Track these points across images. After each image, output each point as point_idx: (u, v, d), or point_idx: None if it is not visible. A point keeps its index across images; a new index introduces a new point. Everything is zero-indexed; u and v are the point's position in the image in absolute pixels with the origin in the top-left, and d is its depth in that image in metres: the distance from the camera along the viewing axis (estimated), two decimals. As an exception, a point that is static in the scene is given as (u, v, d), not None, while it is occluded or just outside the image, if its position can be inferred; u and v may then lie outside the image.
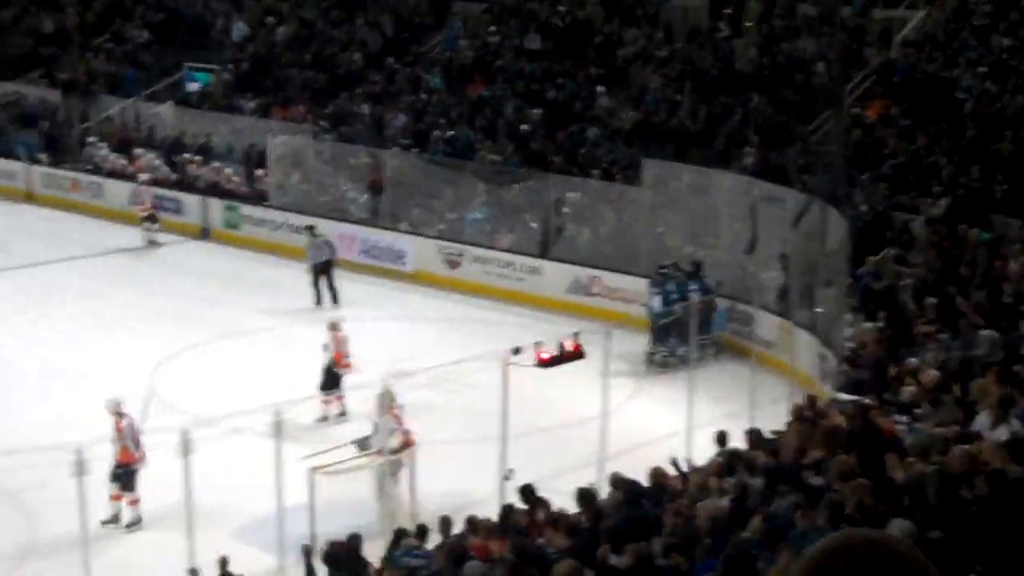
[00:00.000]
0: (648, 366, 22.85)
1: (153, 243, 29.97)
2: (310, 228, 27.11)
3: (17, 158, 34.22)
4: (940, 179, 23.24)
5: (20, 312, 25.07)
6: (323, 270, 26.33)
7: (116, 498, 16.95)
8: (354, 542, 14.21)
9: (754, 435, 15.69)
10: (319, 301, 26.11)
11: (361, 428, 18.00)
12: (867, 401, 15.17)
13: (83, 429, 16.75)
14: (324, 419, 20.34)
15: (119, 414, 17.05)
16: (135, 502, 17.06)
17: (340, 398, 20.60)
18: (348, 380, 20.44)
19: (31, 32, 39.53)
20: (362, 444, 17.14)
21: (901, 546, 2.29)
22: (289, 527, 14.87)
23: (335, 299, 26.06)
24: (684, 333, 21.58)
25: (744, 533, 11.39)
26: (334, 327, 20.81)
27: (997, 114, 24.54)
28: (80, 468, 13.68)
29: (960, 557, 9.77)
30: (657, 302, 23.25)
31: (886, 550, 2.28)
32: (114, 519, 16.97)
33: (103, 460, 16.13)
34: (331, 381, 20.58)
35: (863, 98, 27.39)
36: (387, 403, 17.13)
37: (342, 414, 20.45)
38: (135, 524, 17.06)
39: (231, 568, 13.77)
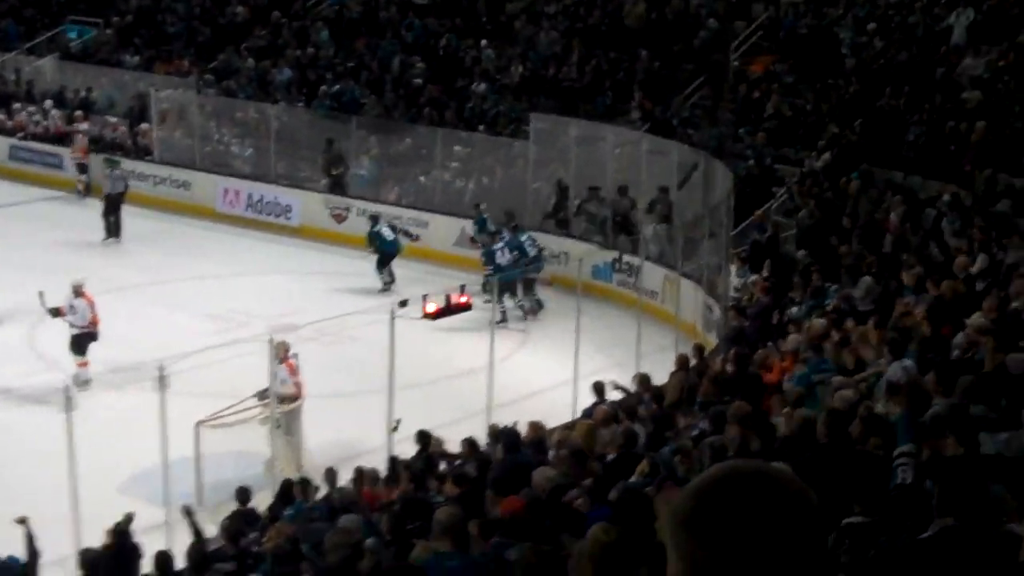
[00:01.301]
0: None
1: (82, 192, 29.81)
2: (110, 160, 28.20)
3: None
4: (822, 134, 23.54)
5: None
6: (116, 202, 27.11)
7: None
8: (243, 496, 14.16)
9: (642, 379, 15.86)
10: (109, 234, 26.90)
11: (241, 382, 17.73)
12: (747, 350, 15.34)
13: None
14: (86, 382, 19.40)
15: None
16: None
17: (85, 363, 19.65)
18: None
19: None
20: (262, 396, 17.01)
21: (783, 474, 2.31)
22: (176, 481, 14.76)
23: (118, 233, 26.93)
24: (513, 289, 22.57)
25: (632, 478, 11.48)
26: (79, 291, 19.75)
27: (881, 70, 24.86)
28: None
29: (840, 499, 9.93)
30: (505, 256, 23.01)
31: (769, 478, 2.30)
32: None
33: None
34: (83, 343, 19.68)
35: (748, 53, 27.62)
36: (280, 353, 16.99)
37: (86, 382, 19.43)
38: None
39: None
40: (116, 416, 17.49)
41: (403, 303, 17.08)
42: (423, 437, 14.71)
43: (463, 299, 19.76)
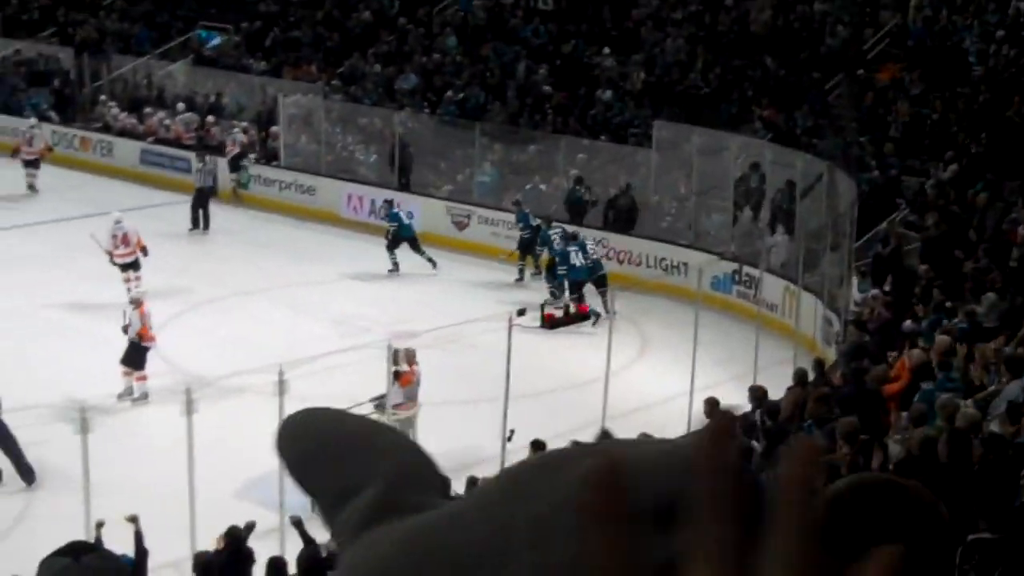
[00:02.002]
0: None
1: (32, 188, 30.25)
2: (200, 153, 28.99)
3: (28, 117, 34.12)
4: (950, 144, 23.14)
5: (40, 267, 24.81)
6: (207, 196, 28.02)
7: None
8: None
9: (758, 392, 15.74)
10: (195, 225, 27.84)
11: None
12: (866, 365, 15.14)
13: (83, 387, 16.81)
14: (129, 393, 19.32)
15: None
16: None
17: (143, 377, 19.41)
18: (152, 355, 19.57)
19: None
20: (379, 402, 17.12)
21: (914, 486, 2.28)
22: (292, 487, 14.86)
23: (207, 226, 27.87)
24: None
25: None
26: (137, 303, 19.60)
27: (1011, 78, 24.38)
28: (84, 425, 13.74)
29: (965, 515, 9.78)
30: (578, 257, 23.15)
31: (900, 489, 2.27)
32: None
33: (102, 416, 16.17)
34: (136, 356, 19.49)
35: (876, 61, 27.24)
36: (407, 358, 17.15)
37: (145, 396, 19.28)
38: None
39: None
40: (236, 419, 17.70)
41: (521, 311, 17.15)
42: (537, 447, 14.70)
43: (582, 308, 19.85)
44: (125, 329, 19.50)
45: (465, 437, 17.58)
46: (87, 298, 22.88)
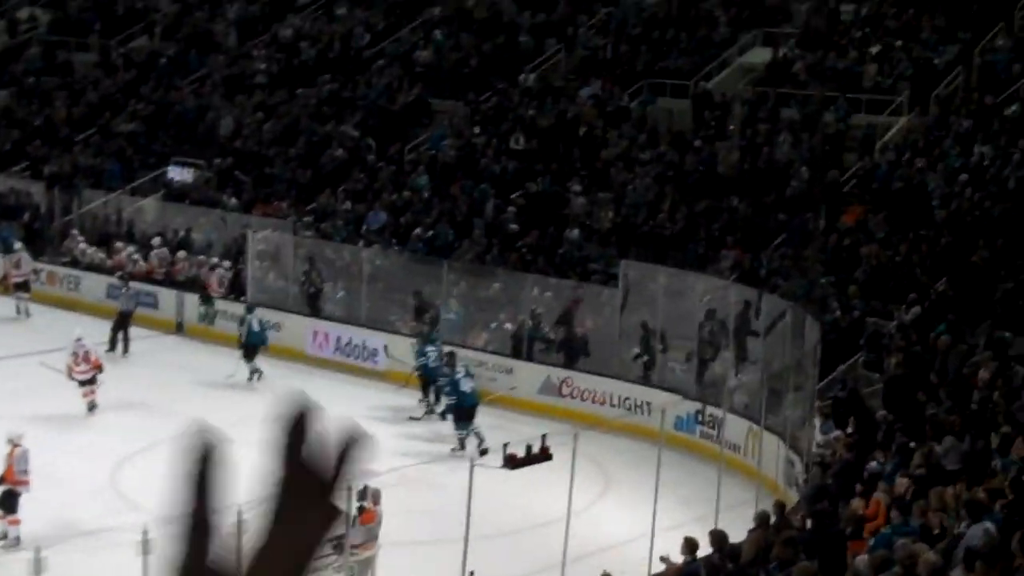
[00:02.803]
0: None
1: (26, 312, 30.62)
2: (123, 277, 30.09)
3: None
4: (914, 286, 23.26)
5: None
6: (125, 319, 28.91)
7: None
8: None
9: (718, 536, 15.58)
10: (113, 347, 28.37)
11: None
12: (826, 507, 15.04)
13: (38, 526, 16.57)
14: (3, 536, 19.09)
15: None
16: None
17: (15, 521, 19.08)
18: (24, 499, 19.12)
19: (18, 124, 39.67)
20: (338, 542, 16.88)
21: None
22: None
23: (126, 349, 28.73)
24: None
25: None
26: (13, 443, 19.07)
27: (975, 222, 24.57)
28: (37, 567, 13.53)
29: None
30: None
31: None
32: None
33: (57, 555, 15.91)
34: (9, 500, 19.13)
35: (840, 203, 27.44)
36: (373, 497, 16.99)
37: (17, 540, 18.81)
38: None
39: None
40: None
41: (483, 451, 17.03)
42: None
43: (544, 449, 19.69)
44: None
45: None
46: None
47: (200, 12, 42.66)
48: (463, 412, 23.26)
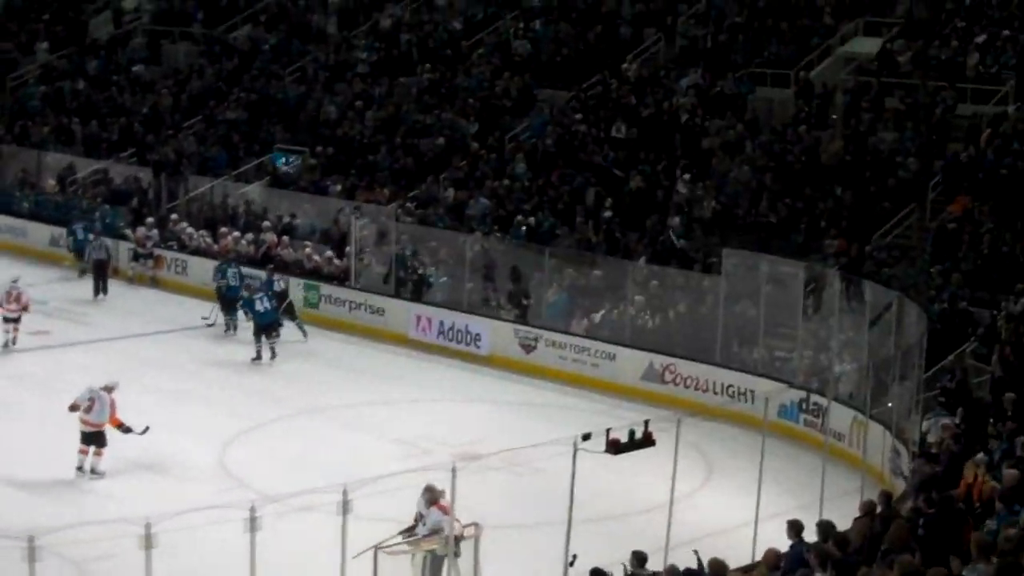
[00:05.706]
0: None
1: (13, 344, 28.07)
2: (91, 229, 33.54)
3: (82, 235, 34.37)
4: (1021, 276, 23.01)
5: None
6: (100, 268, 32.33)
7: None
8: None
9: (825, 527, 15.51)
10: (96, 295, 32.07)
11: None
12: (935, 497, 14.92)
13: (149, 502, 16.89)
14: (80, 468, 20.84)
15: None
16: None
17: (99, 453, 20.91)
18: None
19: (125, 112, 40.30)
20: (407, 535, 17.03)
21: None
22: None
23: (105, 291, 32.21)
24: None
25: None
26: (111, 388, 21.17)
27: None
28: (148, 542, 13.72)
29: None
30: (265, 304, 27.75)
31: None
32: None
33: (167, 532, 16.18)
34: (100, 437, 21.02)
35: (947, 192, 27.19)
36: (432, 497, 17.02)
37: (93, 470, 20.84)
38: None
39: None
40: (299, 539, 17.69)
41: (586, 436, 17.00)
42: (597, 575, 14.56)
43: (647, 434, 19.67)
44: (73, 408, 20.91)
45: (527, 562, 17.52)
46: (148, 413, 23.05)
47: (301, 2, 43.13)
48: (258, 328, 27.66)
